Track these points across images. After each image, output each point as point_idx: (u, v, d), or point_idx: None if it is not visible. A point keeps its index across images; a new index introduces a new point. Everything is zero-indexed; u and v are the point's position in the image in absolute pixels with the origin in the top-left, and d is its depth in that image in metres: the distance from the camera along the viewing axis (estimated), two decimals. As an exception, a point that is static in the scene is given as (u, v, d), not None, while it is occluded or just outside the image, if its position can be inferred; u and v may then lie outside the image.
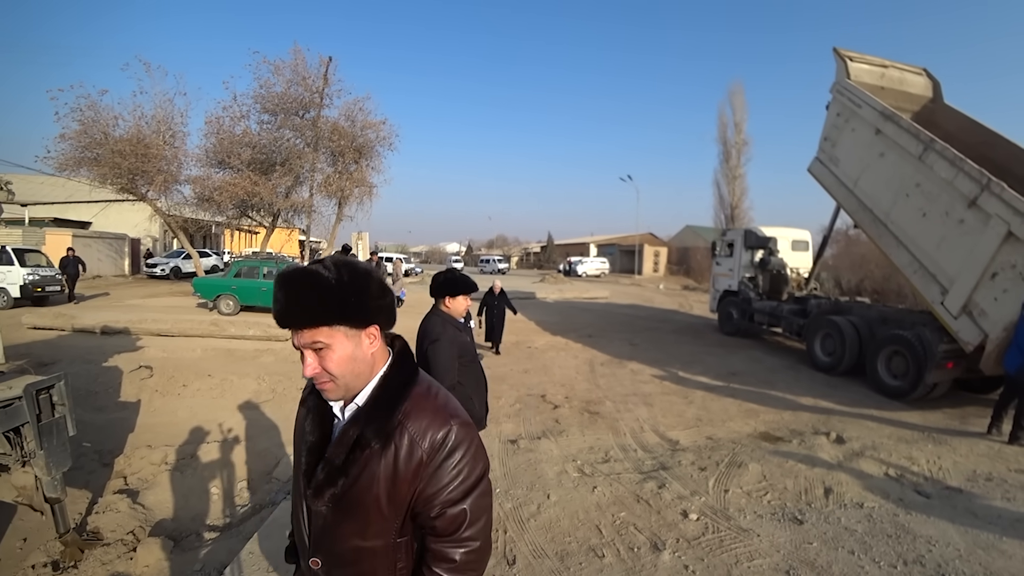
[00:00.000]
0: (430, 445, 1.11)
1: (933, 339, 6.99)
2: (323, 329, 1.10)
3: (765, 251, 12.50)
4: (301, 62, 16.17)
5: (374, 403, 1.16)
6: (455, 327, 3.06)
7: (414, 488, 1.12)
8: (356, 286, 1.12)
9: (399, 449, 1.11)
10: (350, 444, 1.13)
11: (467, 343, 3.15)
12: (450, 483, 1.12)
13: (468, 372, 3.09)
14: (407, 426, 1.12)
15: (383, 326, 1.21)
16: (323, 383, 1.14)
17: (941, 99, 9.78)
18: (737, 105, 37.88)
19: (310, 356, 1.12)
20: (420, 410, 1.15)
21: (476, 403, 3.11)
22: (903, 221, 7.75)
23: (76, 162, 14.85)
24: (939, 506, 4.08)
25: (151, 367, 7.31)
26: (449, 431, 1.13)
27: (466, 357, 3.08)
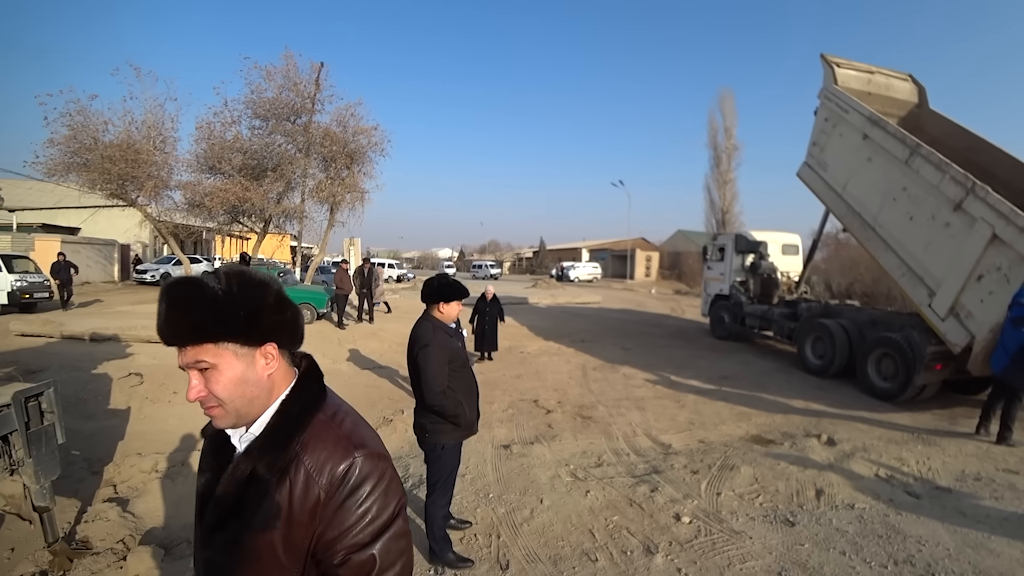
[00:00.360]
0: (328, 481, 0.97)
1: (921, 341, 7.07)
2: (208, 347, 0.97)
3: (756, 255, 12.61)
4: (292, 67, 16.13)
5: (270, 433, 1.02)
6: (446, 332, 3.09)
7: (313, 531, 0.97)
8: (247, 298, 0.99)
9: (294, 486, 0.97)
10: (242, 480, 0.99)
11: (458, 348, 3.16)
12: (355, 524, 0.97)
13: (459, 377, 3.10)
14: (303, 459, 0.98)
15: (284, 344, 1.08)
16: (210, 408, 1.00)
17: (927, 104, 9.93)
18: (727, 111, 38.28)
19: (194, 377, 0.98)
20: (319, 440, 1.01)
21: (467, 408, 3.11)
22: (891, 225, 7.84)
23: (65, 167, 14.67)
24: (929, 506, 4.12)
25: (141, 374, 7.24)
26: (352, 464, 0.99)
27: (456, 362, 3.09)
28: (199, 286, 0.97)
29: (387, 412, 6.47)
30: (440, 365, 2.97)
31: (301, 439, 1.00)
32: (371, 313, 13.69)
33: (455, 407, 3.02)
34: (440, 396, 2.96)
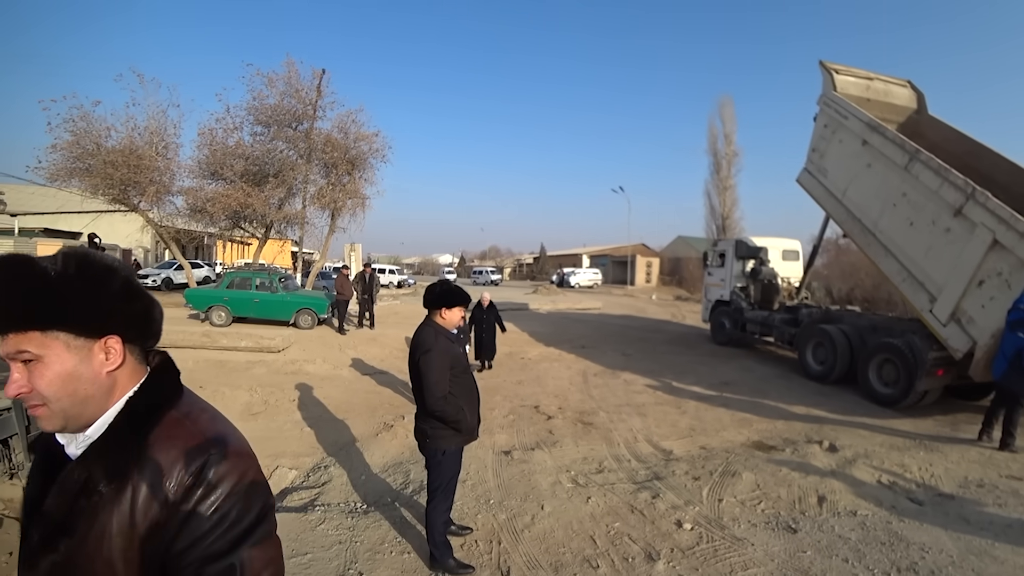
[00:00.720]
0: (177, 484, 0.85)
1: (923, 347, 7.06)
2: (33, 335, 0.84)
3: (756, 261, 12.60)
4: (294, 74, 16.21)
5: (109, 435, 0.89)
6: (447, 338, 3.11)
7: (160, 544, 0.84)
8: (86, 283, 0.86)
9: (137, 492, 0.84)
10: (75, 491, 0.85)
11: (459, 354, 3.20)
12: (210, 531, 0.85)
13: (460, 383, 3.10)
14: (148, 462, 0.86)
15: (132, 339, 0.94)
16: (33, 407, 0.86)
17: (926, 110, 9.96)
18: (727, 117, 38.37)
19: (16, 370, 0.85)
20: (168, 440, 0.89)
21: (468, 414, 3.11)
22: (891, 230, 7.85)
23: (68, 172, 14.76)
24: (932, 513, 4.09)
25: (141, 379, 7.23)
26: (207, 461, 0.87)
27: (458, 368, 3.10)
28: (27, 264, 0.84)
29: (388, 418, 6.46)
30: (442, 370, 2.97)
31: (147, 440, 0.88)
32: (372, 319, 13.69)
33: (456, 412, 3.02)
34: (441, 401, 2.97)
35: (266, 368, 8.71)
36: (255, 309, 12.52)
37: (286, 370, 8.73)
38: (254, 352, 9.72)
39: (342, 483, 4.68)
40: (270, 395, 7.13)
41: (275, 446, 5.58)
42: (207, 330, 11.08)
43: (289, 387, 7.57)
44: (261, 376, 8.18)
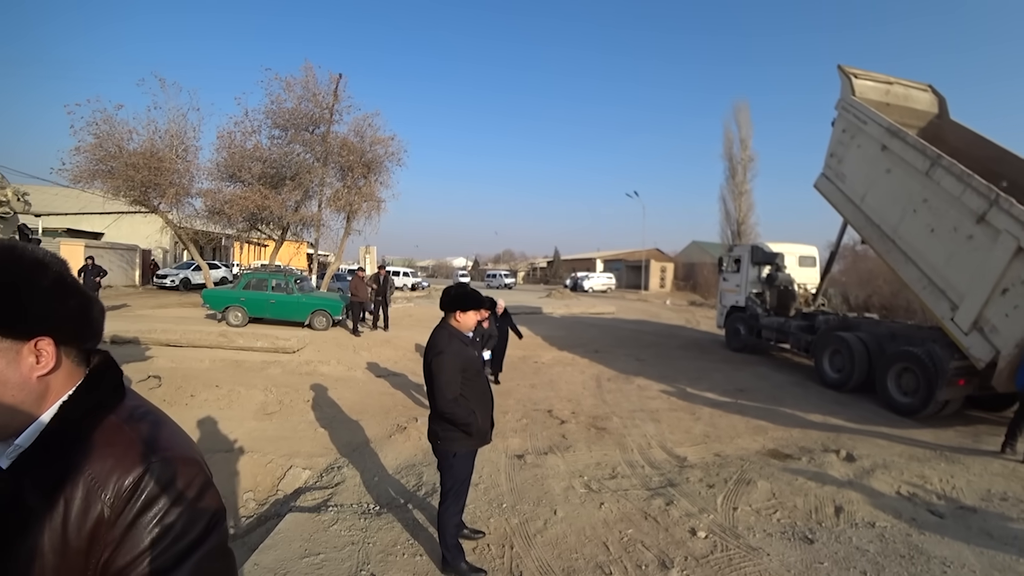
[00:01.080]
0: (115, 494, 0.78)
1: (944, 355, 6.92)
2: None
3: (772, 267, 12.49)
4: (312, 79, 16.44)
5: (40, 443, 0.80)
6: (461, 341, 3.13)
7: (96, 560, 0.77)
8: (11, 278, 0.79)
9: (70, 506, 0.77)
10: (2, 505, 0.77)
11: (472, 357, 3.19)
12: (153, 545, 0.78)
13: (473, 386, 3.11)
14: (83, 471, 0.79)
15: (67, 341, 0.86)
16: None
17: (947, 115, 9.80)
18: (742, 122, 38.07)
19: None
20: (106, 447, 0.82)
21: (480, 417, 3.11)
22: (911, 237, 7.72)
23: (90, 174, 15.12)
24: (953, 526, 4.01)
25: (160, 377, 7.35)
26: (146, 471, 0.81)
27: (471, 371, 3.11)
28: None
29: (401, 420, 6.49)
30: (453, 372, 2.98)
31: (82, 448, 0.81)
32: (386, 321, 13.77)
33: (467, 415, 3.02)
34: (452, 403, 2.98)
35: (281, 368, 8.80)
36: (271, 310, 12.67)
37: (301, 371, 8.81)
38: (269, 352, 9.83)
39: (355, 484, 4.70)
40: (285, 395, 7.19)
41: (289, 446, 5.62)
42: (224, 330, 11.23)
43: (304, 388, 7.63)
44: (276, 376, 8.26)
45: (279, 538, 3.61)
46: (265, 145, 16.79)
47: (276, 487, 4.94)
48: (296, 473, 5.10)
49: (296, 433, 6.10)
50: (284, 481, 4.97)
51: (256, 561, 3.31)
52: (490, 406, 3.27)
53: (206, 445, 5.41)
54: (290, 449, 5.55)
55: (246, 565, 3.25)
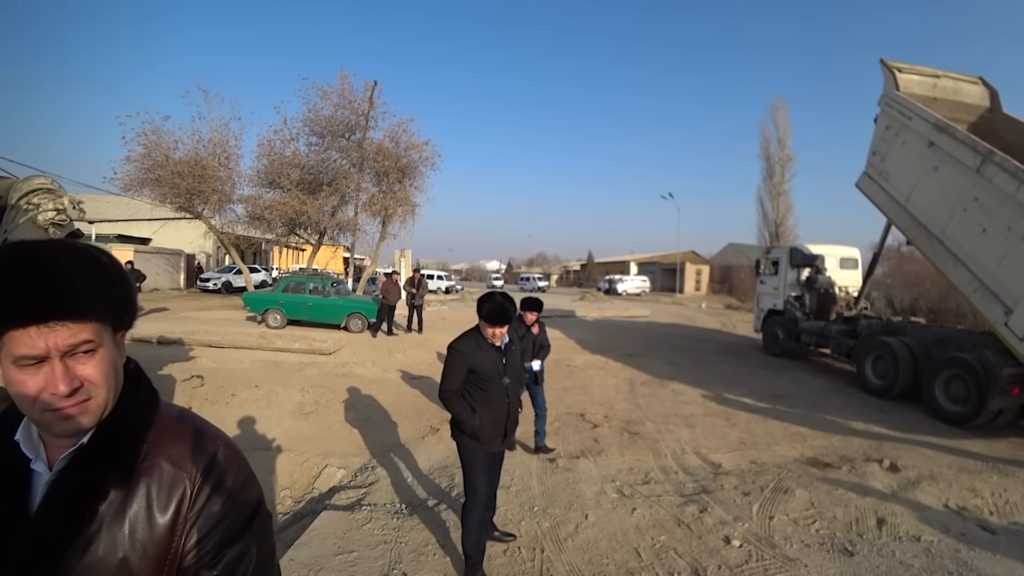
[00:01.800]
0: (196, 472, 0.88)
1: (996, 362, 6.60)
2: (92, 324, 0.81)
3: (812, 269, 12.14)
4: (347, 87, 16.85)
5: (107, 434, 0.85)
6: (481, 345, 3.20)
7: (179, 536, 0.85)
8: (127, 276, 0.88)
9: (151, 487, 0.85)
10: (73, 499, 0.80)
11: (489, 362, 3.19)
12: (224, 518, 0.88)
13: (481, 390, 3.18)
14: (161, 455, 0.87)
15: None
16: (80, 403, 0.81)
17: (1000, 108, 9.33)
18: (780, 121, 37.04)
19: (60, 364, 0.78)
20: (174, 434, 0.91)
21: (480, 418, 3.15)
22: (960, 237, 7.38)
23: (139, 183, 15.89)
24: (1006, 543, 3.81)
25: (202, 376, 7.65)
26: (217, 452, 0.92)
27: (481, 374, 3.17)
28: (90, 251, 0.84)
29: (435, 421, 6.57)
30: (456, 369, 3.13)
31: (151, 437, 0.89)
32: (420, 323, 13.95)
33: (460, 411, 3.14)
34: (447, 395, 3.17)
35: (317, 370, 9.03)
36: (308, 312, 13.02)
37: (336, 372, 9.02)
38: (307, 354, 10.11)
39: (388, 484, 4.79)
40: (321, 396, 7.38)
41: (324, 445, 5.77)
42: (263, 332, 11.61)
43: (339, 389, 7.82)
44: (313, 377, 8.49)
45: (314, 535, 3.72)
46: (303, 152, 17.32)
47: (312, 485, 5.08)
48: (331, 472, 5.24)
49: (331, 433, 6.25)
50: (319, 480, 5.10)
51: (292, 557, 3.42)
52: (503, 414, 3.24)
53: (245, 443, 5.61)
54: (325, 448, 5.70)
55: (282, 560, 3.36)
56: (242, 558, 0.89)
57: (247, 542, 0.90)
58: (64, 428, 0.81)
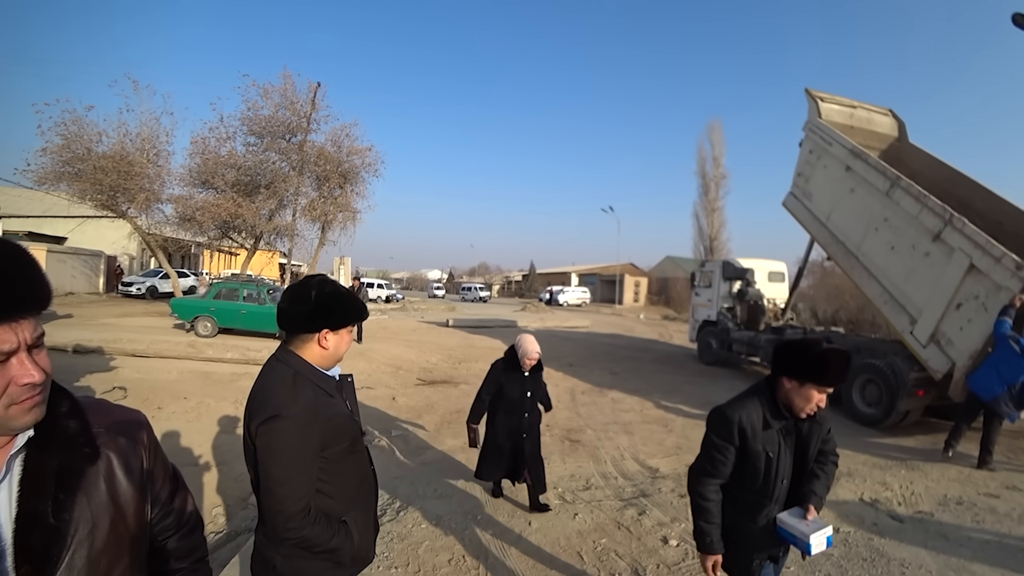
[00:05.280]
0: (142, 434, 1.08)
1: (904, 368, 7.19)
2: (39, 318, 0.87)
3: (743, 282, 12.77)
4: (290, 87, 16.40)
5: (60, 420, 0.92)
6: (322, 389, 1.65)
7: (147, 492, 1.05)
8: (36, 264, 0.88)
9: (112, 456, 0.98)
10: (53, 479, 0.87)
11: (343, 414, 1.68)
12: (167, 466, 1.16)
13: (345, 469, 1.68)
14: (108, 428, 1.00)
15: None
16: (40, 394, 0.86)
17: (906, 138, 10.27)
18: (715, 140, 39.24)
19: (28, 358, 0.83)
20: (106, 411, 1.05)
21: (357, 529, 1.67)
22: (873, 254, 8.04)
23: (56, 176, 14.69)
24: (912, 530, 4.17)
25: (125, 388, 7.14)
26: (143, 418, 1.13)
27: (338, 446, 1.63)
28: (20, 246, 0.85)
29: (376, 433, 6.42)
30: (302, 460, 1.51)
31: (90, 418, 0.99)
32: (359, 333, 13.62)
33: (330, 536, 1.56)
34: (300, 519, 1.49)
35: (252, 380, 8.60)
36: (242, 320, 12.43)
37: (272, 382, 8.64)
38: (240, 364, 9.63)
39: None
40: (256, 406, 7.05)
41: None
42: (192, 340, 10.97)
43: (275, 399, 7.49)
44: (247, 388, 8.03)
45: (247, 554, 3.53)
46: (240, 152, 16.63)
47: (247, 501, 4.83)
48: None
49: (267, 445, 5.96)
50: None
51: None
52: (374, 500, 1.89)
53: (174, 459, 5.23)
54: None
55: (214, 579, 3.18)
56: (186, 502, 1.22)
57: (185, 490, 1.23)
58: (27, 420, 0.84)
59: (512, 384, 4.07)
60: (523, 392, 4.09)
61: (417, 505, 4.36)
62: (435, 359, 12.12)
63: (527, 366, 4.07)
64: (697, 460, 2.16)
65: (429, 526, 3.99)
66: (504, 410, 4.09)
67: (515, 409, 4.07)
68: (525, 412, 4.09)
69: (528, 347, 4.05)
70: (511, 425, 4.07)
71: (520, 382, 4.08)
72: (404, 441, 6.08)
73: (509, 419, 4.08)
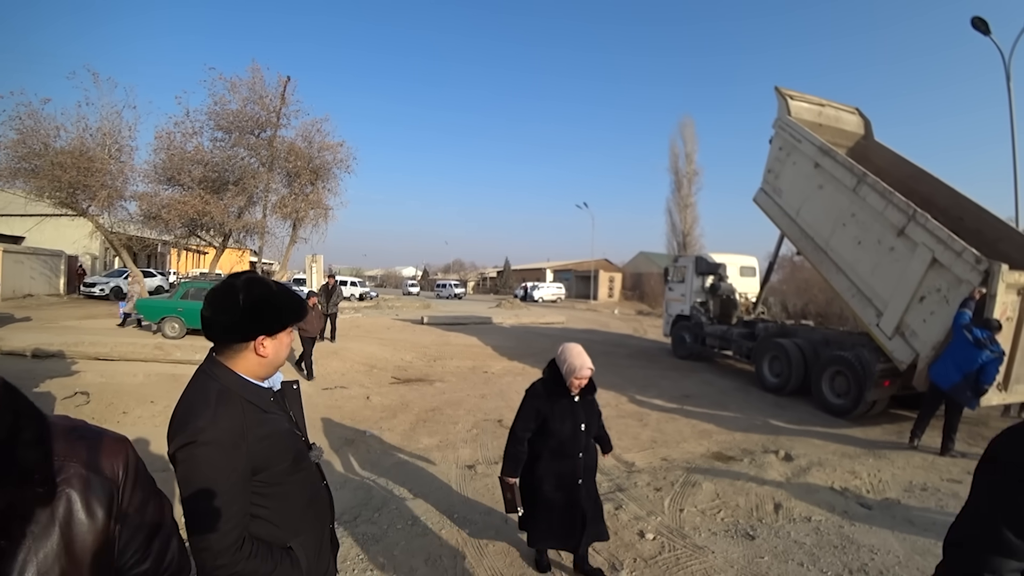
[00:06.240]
0: (118, 471, 0.92)
1: (871, 359, 7.39)
2: None
3: (715, 277, 12.95)
4: (259, 80, 15.98)
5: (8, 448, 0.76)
6: (254, 404, 1.45)
7: (112, 535, 0.89)
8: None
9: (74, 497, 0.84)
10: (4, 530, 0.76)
11: (284, 432, 1.52)
12: (147, 508, 0.97)
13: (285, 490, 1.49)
14: (76, 462, 0.86)
15: None
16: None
17: (872, 136, 10.55)
18: (688, 137, 39.80)
19: None
20: (78, 441, 0.90)
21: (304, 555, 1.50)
22: (841, 249, 8.24)
23: (11, 173, 14.03)
24: (880, 516, 4.28)
25: (88, 393, 6.88)
26: (128, 450, 0.97)
27: (279, 466, 1.47)
28: None
29: (348, 434, 6.31)
30: (228, 488, 1.33)
31: (57, 449, 0.84)
32: (333, 332, 13.40)
33: (270, 569, 1.38)
34: (230, 555, 1.31)
35: (222, 381, 8.39)
36: (211, 320, 12.08)
37: (243, 383, 8.43)
38: (209, 364, 9.36)
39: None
40: (226, 409, 6.86)
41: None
42: (160, 342, 10.63)
43: (246, 400, 7.30)
44: (216, 389, 7.87)
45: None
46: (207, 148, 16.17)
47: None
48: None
49: (237, 447, 5.82)
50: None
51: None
52: (327, 518, 1.72)
53: (138, 462, 5.08)
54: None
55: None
56: (168, 545, 1.00)
57: (169, 530, 1.01)
58: None
59: (560, 415, 3.02)
60: (575, 425, 3.03)
61: (392, 506, 4.29)
62: (410, 357, 11.99)
63: (576, 387, 3.02)
64: None
65: (405, 526, 3.93)
66: (551, 452, 3.02)
67: (566, 450, 3.02)
68: (579, 452, 3.04)
69: (576, 360, 2.97)
70: (562, 472, 3.02)
71: (570, 412, 3.05)
72: (379, 441, 5.99)
73: (559, 464, 3.02)
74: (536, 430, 3.06)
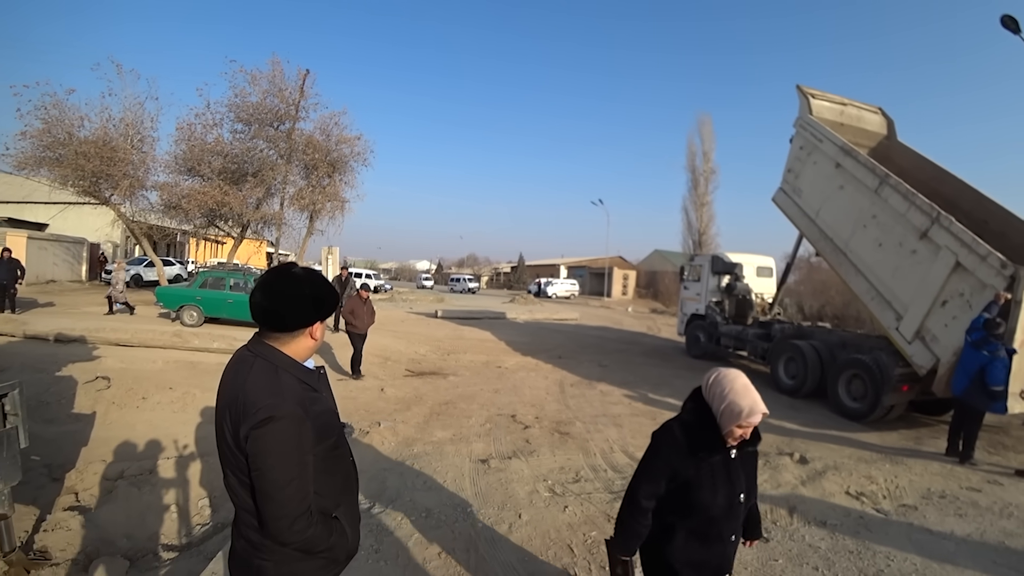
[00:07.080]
0: None
1: (889, 363, 7.28)
2: None
3: (731, 276, 12.85)
4: (279, 73, 16.12)
5: None
6: (306, 384, 1.55)
7: None
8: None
9: None
10: None
11: (328, 409, 1.64)
12: None
13: (331, 467, 1.62)
14: None
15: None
16: None
17: (895, 136, 10.36)
18: (705, 135, 39.37)
19: None
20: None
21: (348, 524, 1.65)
22: (861, 250, 8.11)
23: (36, 161, 14.33)
24: (897, 523, 4.23)
25: (108, 378, 7.01)
26: None
27: (327, 441, 1.58)
28: None
29: (363, 424, 6.38)
30: (300, 459, 1.43)
31: None
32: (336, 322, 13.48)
33: (328, 536, 1.53)
34: (304, 522, 1.42)
35: (239, 370, 8.51)
36: (228, 310, 12.27)
37: (259, 372, 8.54)
38: (227, 354, 9.50)
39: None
40: (243, 397, 6.96)
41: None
42: (178, 330, 10.80)
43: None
44: (233, 378, 7.98)
45: (235, 544, 3.49)
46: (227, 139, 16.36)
47: (233, 492, 4.78)
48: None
49: (254, 436, 5.90)
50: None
51: (213, 570, 3.18)
52: (356, 492, 1.79)
53: (158, 449, 5.20)
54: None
55: (203, 574, 3.14)
56: None
57: None
58: None
59: (710, 481, 1.92)
60: (732, 495, 1.95)
61: (406, 498, 4.33)
62: (424, 350, 12.07)
63: (738, 438, 1.93)
64: None
65: (419, 519, 3.97)
66: (691, 532, 1.96)
67: (714, 531, 1.96)
68: (732, 533, 2.00)
69: (743, 401, 1.89)
70: (706, 562, 1.98)
71: (725, 475, 1.95)
72: (393, 433, 6.05)
73: (702, 551, 1.96)
74: (668, 496, 1.98)
